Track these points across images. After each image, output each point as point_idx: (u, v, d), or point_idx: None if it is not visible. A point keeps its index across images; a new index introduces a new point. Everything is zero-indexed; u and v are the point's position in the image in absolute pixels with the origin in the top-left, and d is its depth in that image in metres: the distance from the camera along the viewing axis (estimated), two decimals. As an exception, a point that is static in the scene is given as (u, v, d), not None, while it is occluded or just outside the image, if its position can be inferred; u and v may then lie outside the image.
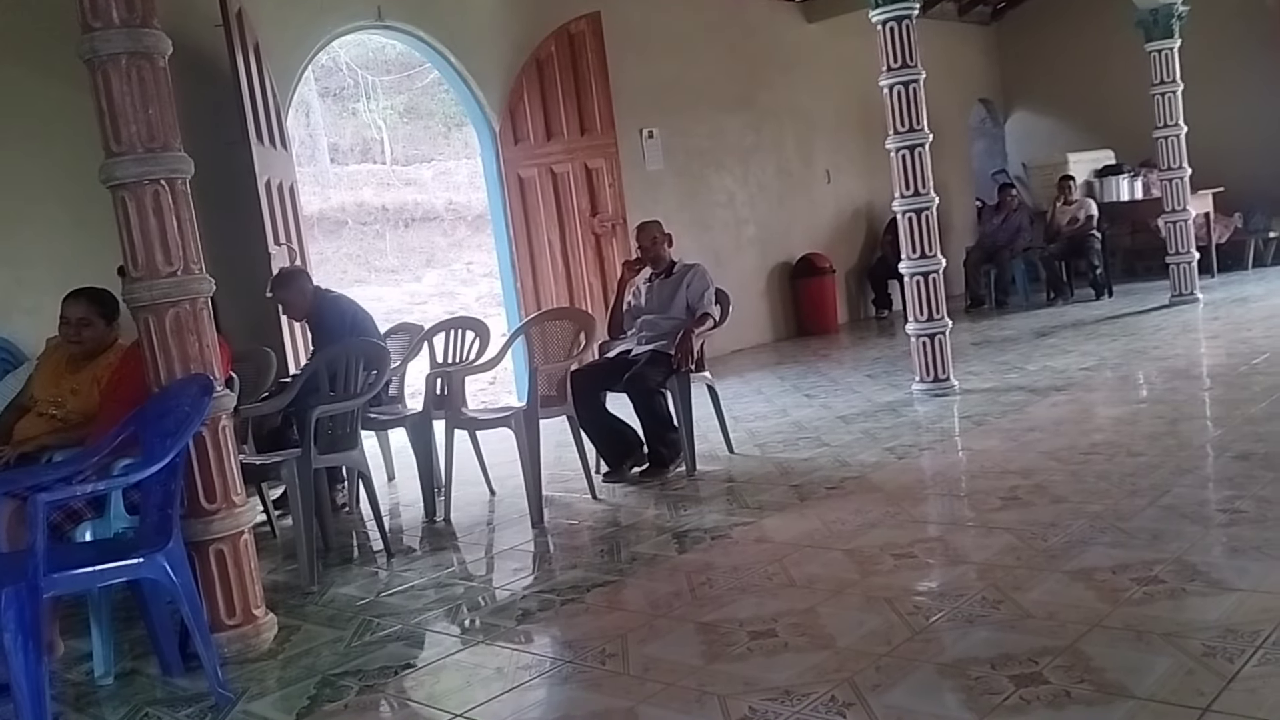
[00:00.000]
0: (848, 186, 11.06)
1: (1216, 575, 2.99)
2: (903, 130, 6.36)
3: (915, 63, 6.30)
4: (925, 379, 6.47)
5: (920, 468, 4.88)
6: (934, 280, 6.44)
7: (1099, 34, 11.52)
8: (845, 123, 10.89)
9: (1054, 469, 4.40)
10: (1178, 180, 9.24)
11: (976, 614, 2.92)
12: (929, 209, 6.41)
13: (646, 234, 5.51)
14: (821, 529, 3.97)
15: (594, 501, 4.87)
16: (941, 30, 11.65)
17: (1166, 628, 2.66)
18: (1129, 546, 3.32)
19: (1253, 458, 4.19)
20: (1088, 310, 9.69)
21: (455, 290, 15.61)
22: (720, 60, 9.72)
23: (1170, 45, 9.02)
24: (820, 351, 9.12)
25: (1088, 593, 2.97)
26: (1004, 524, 3.73)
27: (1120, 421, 5.26)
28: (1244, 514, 3.52)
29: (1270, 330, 7.29)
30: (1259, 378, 5.76)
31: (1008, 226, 10.90)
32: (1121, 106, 11.36)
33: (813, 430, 5.85)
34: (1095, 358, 7.12)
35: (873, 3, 6.35)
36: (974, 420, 5.64)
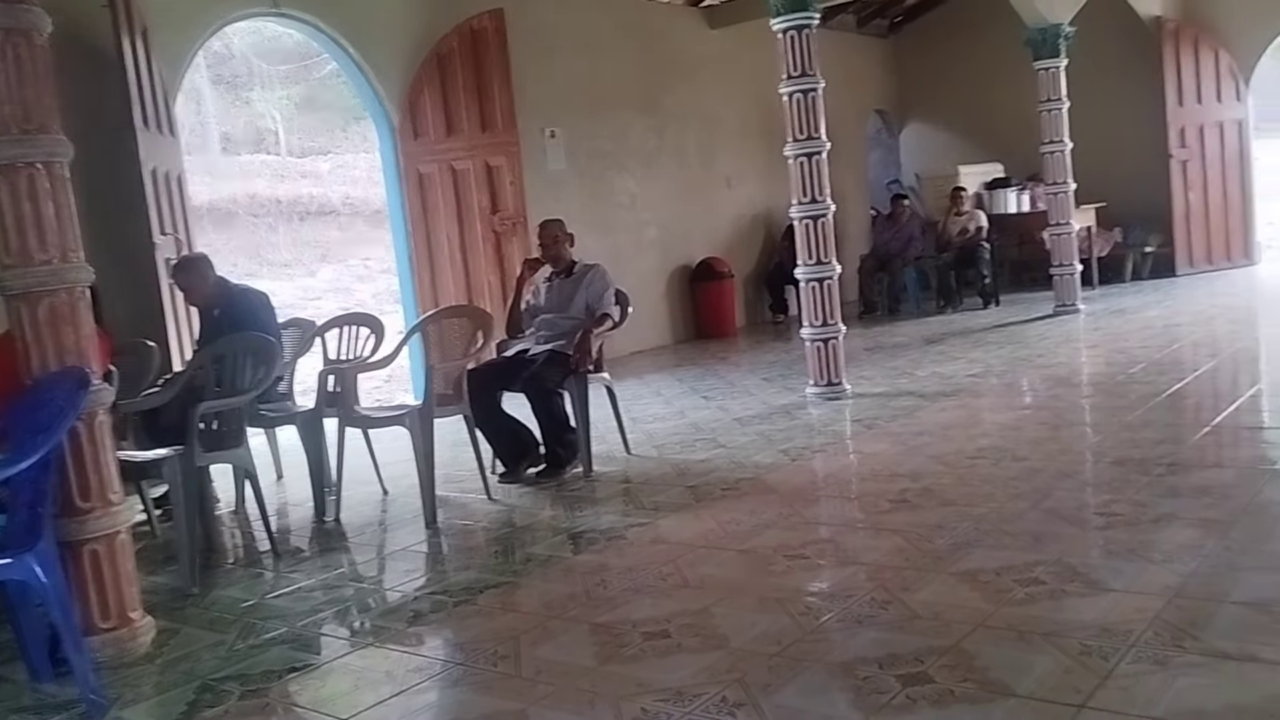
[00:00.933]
0: (748, 192, 11.19)
1: (1094, 576, 3.10)
2: (801, 138, 6.45)
3: (814, 72, 6.40)
4: (819, 383, 6.58)
5: (813, 470, 4.95)
6: (829, 286, 6.55)
7: (991, 51, 11.88)
8: (746, 129, 11.01)
9: (942, 472, 4.51)
10: (1063, 195, 9.58)
11: (866, 614, 2.97)
12: (825, 216, 6.52)
13: (548, 233, 5.48)
14: (716, 530, 4.00)
15: (489, 502, 4.82)
16: (840, 41, 11.88)
17: (1046, 627, 2.74)
18: (1012, 548, 3.42)
19: (1128, 463, 4.37)
20: (976, 319, 9.98)
21: (351, 286, 15.33)
22: (624, 63, 9.74)
23: (1057, 64, 9.36)
24: (718, 354, 9.20)
25: (972, 593, 3.05)
26: (893, 526, 3.81)
27: (1005, 427, 5.42)
28: (1120, 517, 3.66)
29: (1146, 341, 7.62)
30: (1135, 386, 6.00)
31: (901, 235, 11.16)
32: (1011, 122, 11.74)
33: (709, 432, 5.89)
34: (982, 365, 7.33)
35: (774, 11, 6.43)
36: (865, 424, 5.75)
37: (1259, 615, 2.69)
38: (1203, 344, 7.46)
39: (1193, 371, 6.44)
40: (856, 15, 12.54)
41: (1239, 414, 5.25)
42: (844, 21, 12.24)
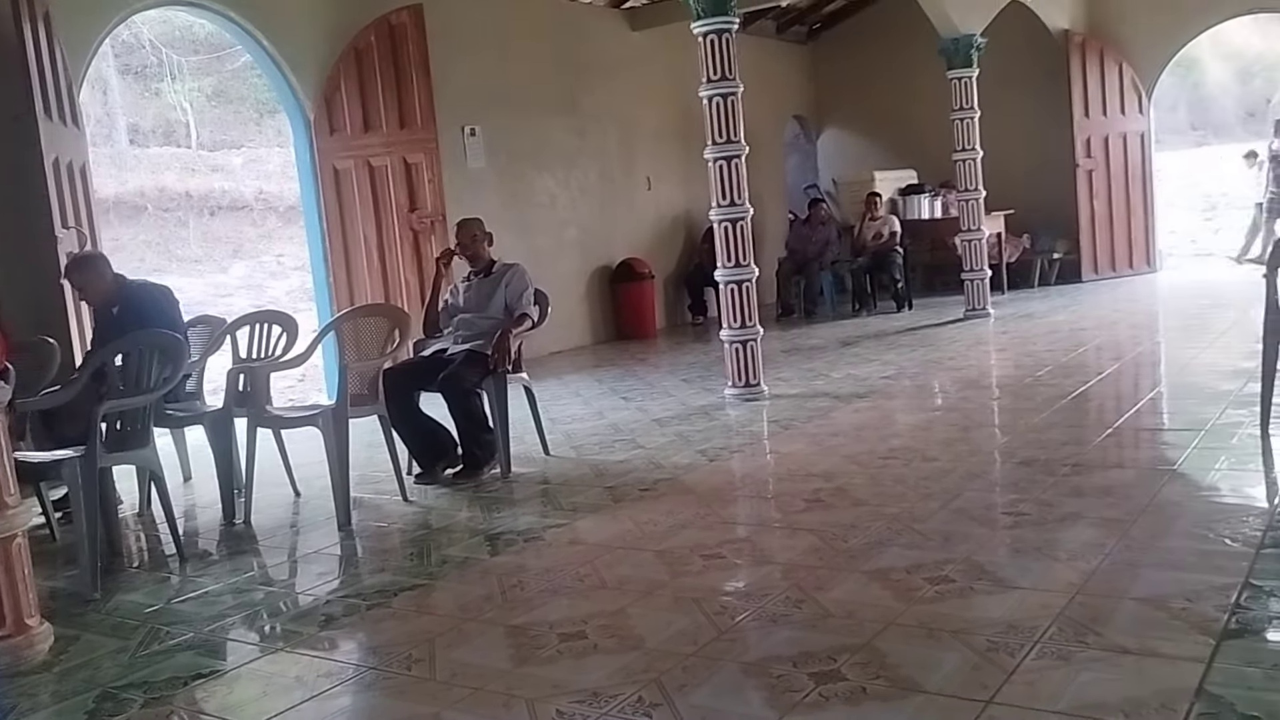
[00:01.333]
0: (668, 194, 11.24)
1: (1001, 574, 3.18)
2: (721, 141, 6.50)
3: (734, 76, 6.46)
4: (737, 384, 6.64)
5: (730, 470, 4.99)
6: (747, 289, 6.61)
7: (906, 60, 12.12)
8: (667, 131, 11.06)
9: (855, 472, 4.58)
10: (974, 201, 9.82)
11: (780, 613, 3.00)
12: (744, 219, 6.57)
13: (466, 231, 5.43)
14: (634, 530, 4.00)
15: (405, 504, 4.75)
16: (760, 46, 12.00)
17: (955, 625, 2.80)
18: (923, 547, 3.49)
19: (1035, 464, 4.48)
20: (889, 322, 10.16)
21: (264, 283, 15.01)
22: (545, 62, 9.71)
23: (969, 74, 9.58)
24: (638, 355, 9.22)
25: (884, 592, 3.10)
26: (808, 525, 3.85)
27: (917, 428, 5.52)
28: (1027, 516, 3.76)
29: (1052, 345, 7.84)
30: (1042, 389, 6.17)
31: (817, 239, 11.31)
32: (925, 129, 11.99)
33: (628, 433, 5.90)
34: (895, 367, 7.47)
35: (694, 15, 6.47)
36: (782, 425, 5.82)
37: (1156, 611, 2.78)
38: (1106, 348, 7.70)
39: (1096, 375, 6.65)
40: (776, 21, 12.68)
41: (1140, 416, 5.43)
42: (763, 27, 12.37)
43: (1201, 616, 2.70)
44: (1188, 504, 3.77)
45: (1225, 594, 2.84)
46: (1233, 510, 3.67)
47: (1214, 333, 7.59)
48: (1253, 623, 2.68)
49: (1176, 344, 7.62)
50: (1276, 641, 2.62)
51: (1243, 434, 4.64)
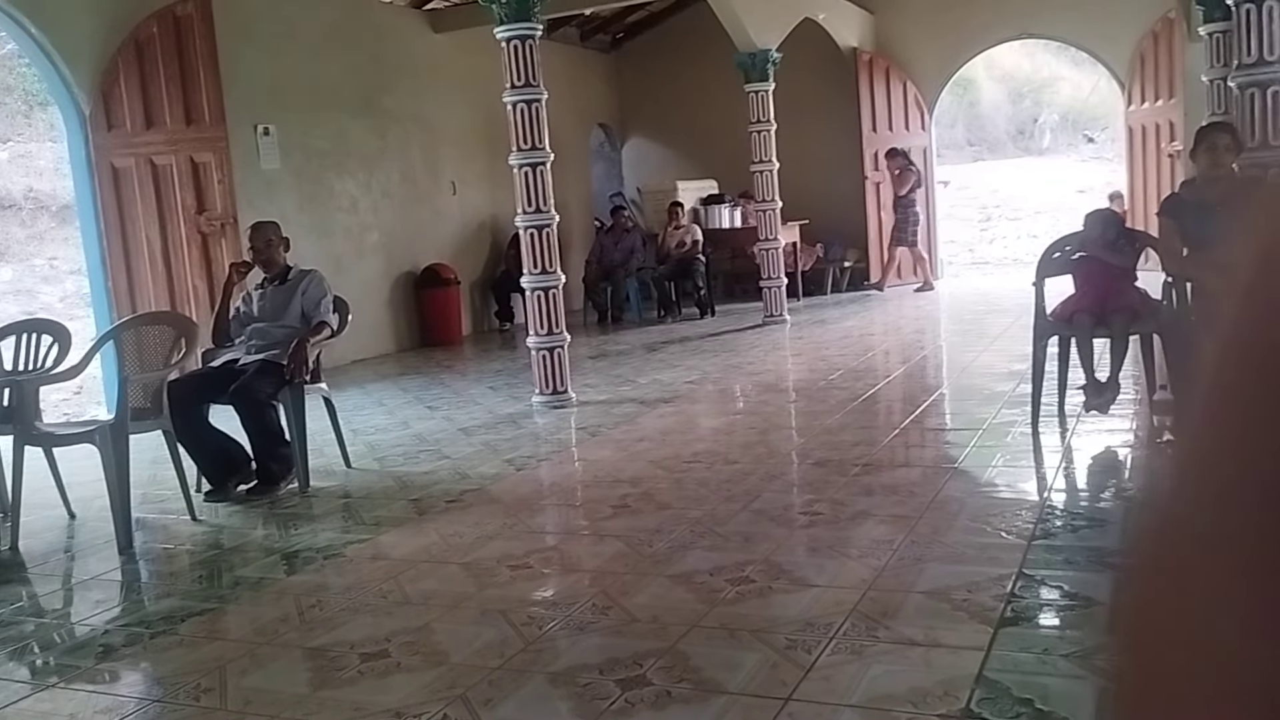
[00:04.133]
0: (473, 199, 11.12)
1: (798, 573, 3.29)
2: (526, 147, 6.48)
3: (538, 82, 6.45)
4: (545, 391, 6.63)
5: (538, 479, 4.97)
6: (554, 295, 6.61)
7: (706, 71, 12.41)
8: (471, 135, 10.94)
9: (660, 477, 4.65)
10: (770, 211, 10.15)
11: (587, 621, 3.01)
12: (550, 226, 6.57)
13: (260, 235, 5.20)
14: (439, 543, 3.93)
15: (194, 523, 4.50)
16: (565, 53, 12.04)
17: (756, 624, 2.88)
18: (724, 549, 3.57)
19: (829, 464, 4.67)
20: (693, 328, 10.38)
21: (35, 288, 13.92)
22: (344, 61, 9.42)
23: (766, 88, 9.91)
24: (444, 363, 9.07)
25: (688, 595, 3.16)
26: (614, 531, 3.88)
27: (719, 431, 5.66)
28: (821, 516, 3.91)
29: (844, 349, 8.20)
30: (835, 392, 6.44)
31: (623, 247, 11.44)
32: (724, 140, 12.30)
33: (434, 443, 5.79)
34: (699, 372, 7.64)
35: (497, 19, 6.42)
36: (589, 431, 5.85)
37: (941, 603, 2.94)
38: (893, 352, 8.12)
39: (885, 378, 7.00)
40: (580, 29, 12.76)
41: (924, 416, 5.74)
42: (568, 34, 12.42)
43: (980, 606, 2.88)
44: (968, 500, 4.01)
45: (1001, 584, 3.03)
46: (1008, 504, 3.93)
47: (989, 337, 8.13)
48: (1026, 610, 2.87)
49: (956, 348, 8.11)
50: (1047, 627, 2.82)
51: (1016, 432, 4.98)
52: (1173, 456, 0.23)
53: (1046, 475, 4.39)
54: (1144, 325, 4.77)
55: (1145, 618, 0.23)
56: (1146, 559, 0.23)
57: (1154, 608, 0.23)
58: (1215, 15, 8.46)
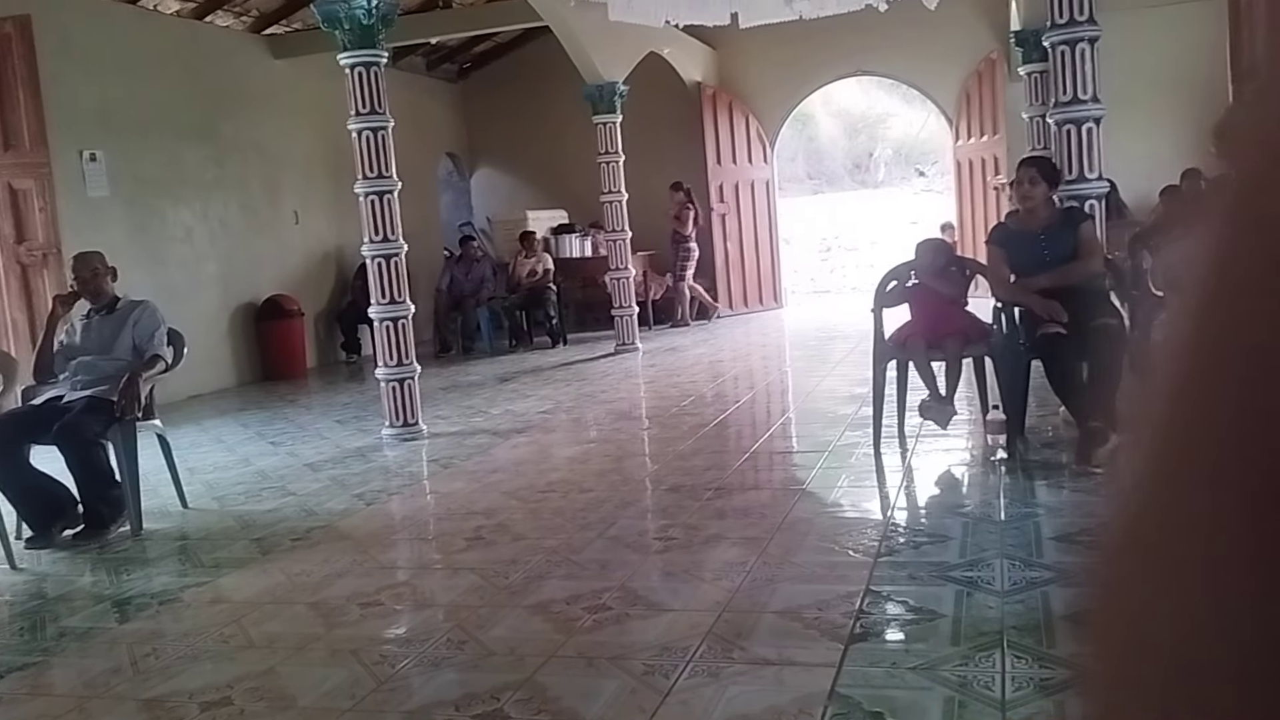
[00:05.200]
0: (317, 228, 10.84)
1: (654, 598, 3.31)
2: (372, 176, 6.37)
3: (384, 110, 6.35)
4: (395, 423, 6.49)
5: (389, 513, 4.86)
6: (403, 326, 6.50)
7: (555, 102, 12.48)
8: (314, 164, 10.67)
9: (515, 507, 4.61)
10: (621, 241, 10.25)
11: (443, 656, 2.94)
12: (398, 255, 6.47)
13: (86, 265, 4.93)
14: (285, 583, 3.78)
15: (14, 572, 4.20)
16: (411, 82, 11.91)
17: (613, 651, 2.87)
18: (580, 577, 3.56)
19: (682, 489, 4.72)
20: (545, 357, 10.36)
21: None
22: (177, 86, 9.06)
23: (613, 119, 10.03)
24: (288, 397, 8.78)
25: (545, 625, 3.13)
26: (469, 564, 3.82)
27: (573, 460, 5.65)
28: (676, 541, 3.94)
29: (695, 377, 8.32)
30: (687, 418, 6.52)
31: (473, 276, 11.36)
32: (574, 171, 12.38)
33: (278, 479, 5.58)
34: (552, 401, 7.62)
35: (341, 46, 6.31)
36: (441, 463, 5.75)
37: (793, 622, 3.00)
38: (742, 378, 8.28)
39: (734, 403, 7.13)
40: (426, 58, 12.65)
41: (772, 440, 5.88)
42: (414, 63, 12.30)
43: (831, 624, 2.95)
44: (816, 520, 4.12)
45: (850, 601, 3.11)
46: (854, 523, 4.05)
47: (832, 362, 8.38)
48: (874, 626, 2.95)
49: (801, 373, 8.34)
50: (893, 642, 2.91)
51: (859, 454, 5.15)
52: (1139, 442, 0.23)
53: (889, 494, 4.55)
54: (976, 349, 5.00)
55: (1117, 607, 0.23)
56: (1117, 548, 0.24)
57: (1126, 597, 0.23)
58: (1034, 56, 9.03)
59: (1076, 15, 5.73)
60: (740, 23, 8.46)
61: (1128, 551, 0.23)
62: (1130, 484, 0.23)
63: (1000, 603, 3.02)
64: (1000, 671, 2.55)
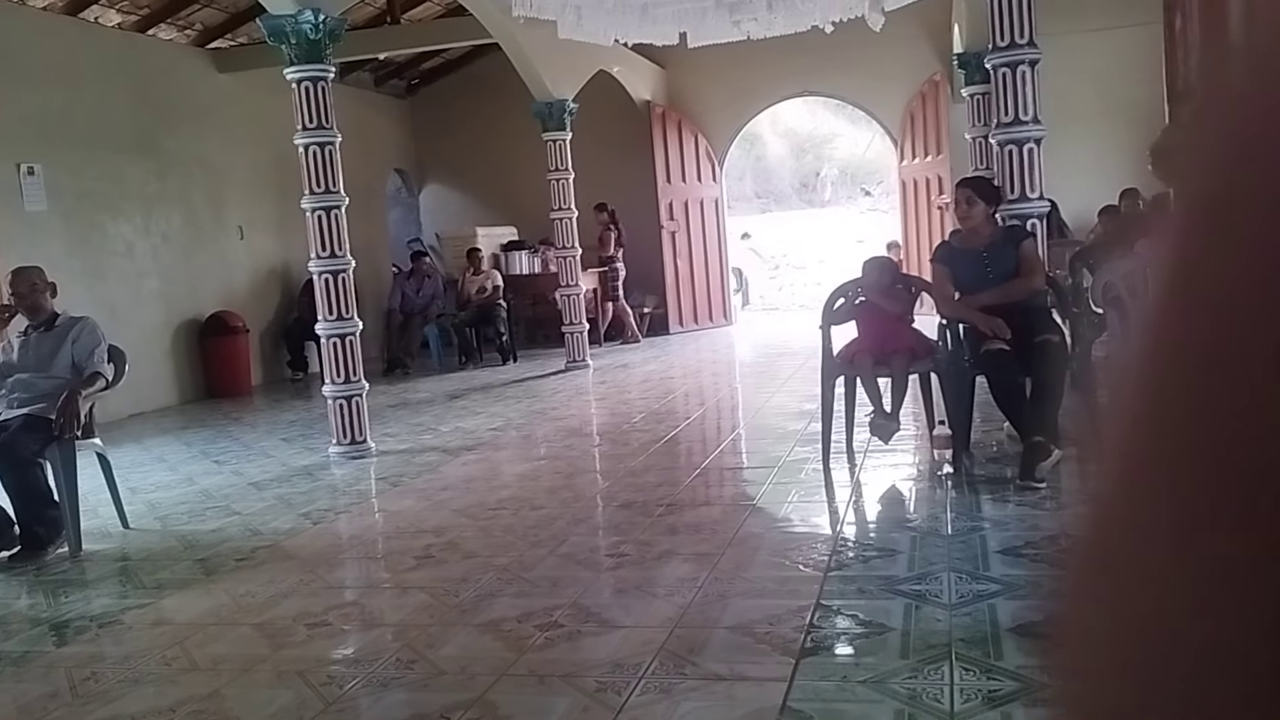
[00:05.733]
0: (263, 244, 10.70)
1: (606, 615, 3.30)
2: (319, 191, 6.31)
3: (331, 125, 6.31)
4: (342, 441, 6.41)
5: (337, 532, 4.79)
6: (351, 342, 6.44)
7: (504, 119, 12.45)
8: (260, 179, 10.55)
9: (465, 525, 4.57)
10: (571, 258, 10.25)
11: (391, 677, 2.91)
12: (345, 271, 6.41)
13: (23, 280, 4.83)
14: (230, 604, 3.71)
15: (-54, 595, 4.09)
16: (359, 97, 11.84)
17: (565, 669, 2.86)
18: (532, 595, 3.54)
19: (634, 506, 4.72)
20: (496, 374, 10.31)
21: None
22: (121, 99, 8.92)
23: (563, 137, 10.04)
24: (232, 415, 8.64)
25: (496, 643, 3.11)
26: (418, 583, 3.78)
27: (524, 478, 5.63)
28: (628, 557, 3.93)
29: (646, 393, 8.33)
30: (638, 434, 6.52)
31: (423, 293, 11.29)
32: (523, 187, 12.35)
33: (222, 499, 5.49)
34: (502, 419, 7.58)
35: (287, 61, 6.26)
36: (390, 481, 5.69)
37: (744, 637, 3.00)
38: (692, 394, 8.31)
39: (685, 419, 7.15)
40: (374, 74, 12.58)
41: (723, 456, 5.90)
42: (361, 79, 12.23)
43: (782, 639, 2.96)
44: (767, 535, 4.13)
45: (801, 615, 3.13)
46: (804, 538, 4.07)
47: (782, 379, 8.44)
48: (824, 640, 2.97)
49: (751, 389, 8.38)
50: (843, 655, 2.92)
51: (809, 469, 5.18)
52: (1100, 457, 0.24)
53: (838, 509, 4.58)
54: (921, 365, 5.07)
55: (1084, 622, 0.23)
56: (1082, 563, 0.24)
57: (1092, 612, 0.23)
58: (976, 78, 9.20)
59: (1017, 38, 5.86)
60: (689, 42, 8.52)
61: (1093, 566, 0.23)
62: (1093, 499, 0.23)
63: (948, 615, 3.05)
64: (949, 684, 2.58)
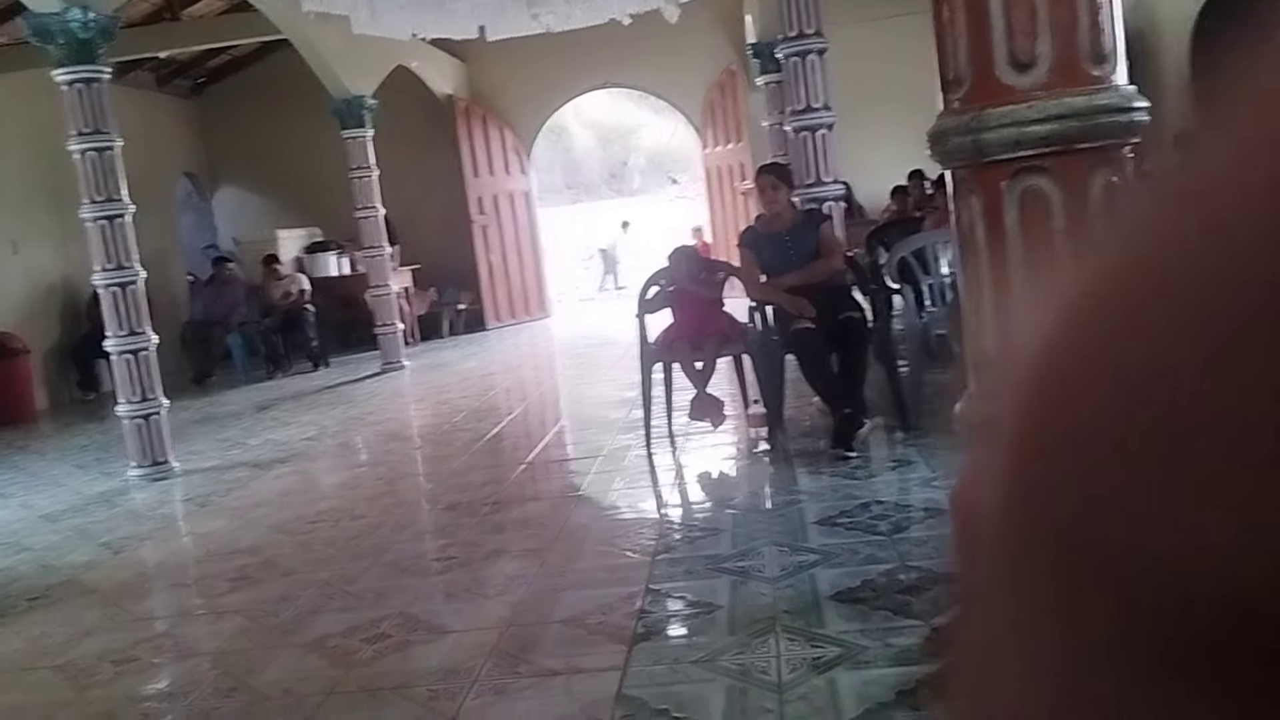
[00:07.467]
0: (40, 258, 9.97)
1: (436, 621, 3.24)
2: (100, 199, 5.92)
3: (110, 129, 5.93)
4: (143, 463, 6.05)
5: (141, 560, 4.53)
6: (145, 358, 6.08)
7: (301, 117, 11.99)
8: (32, 188, 9.80)
9: (283, 542, 4.40)
10: (379, 257, 10.00)
11: (210, 708, 2.77)
12: (135, 283, 6.04)
13: None
14: (24, 648, 3.45)
15: None
16: (140, 99, 11.16)
17: (396, 681, 2.79)
18: (357, 609, 3.43)
19: (459, 507, 4.65)
20: (307, 382, 9.95)
21: None
22: None
23: (364, 134, 9.77)
24: (16, 443, 8.02)
25: (321, 661, 3.00)
26: (235, 606, 3.61)
27: (343, 487, 5.46)
28: (455, 560, 3.87)
29: (466, 391, 8.22)
30: (460, 434, 6.43)
31: (224, 301, 10.78)
32: (326, 187, 11.93)
33: (10, 535, 5.09)
34: (316, 427, 7.33)
35: (55, 62, 5.84)
36: (198, 502, 5.41)
37: (577, 630, 3.01)
38: (514, 390, 8.26)
39: (508, 415, 7.10)
40: (155, 73, 11.90)
41: (548, 449, 5.89)
42: (141, 79, 11.53)
43: (615, 627, 2.98)
44: (594, 525, 4.15)
45: (631, 602, 3.16)
46: (631, 524, 4.11)
47: (602, 368, 8.50)
48: (655, 624, 3.01)
49: (572, 380, 8.40)
50: (675, 637, 2.97)
51: (632, 455, 5.23)
52: None
53: (662, 493, 4.65)
54: (734, 347, 5.20)
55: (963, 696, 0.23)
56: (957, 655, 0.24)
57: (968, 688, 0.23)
58: (770, 68, 9.47)
59: (805, 29, 6.07)
60: (487, 35, 8.44)
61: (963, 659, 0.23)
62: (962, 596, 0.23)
63: (772, 589, 3.14)
64: (775, 655, 2.66)
